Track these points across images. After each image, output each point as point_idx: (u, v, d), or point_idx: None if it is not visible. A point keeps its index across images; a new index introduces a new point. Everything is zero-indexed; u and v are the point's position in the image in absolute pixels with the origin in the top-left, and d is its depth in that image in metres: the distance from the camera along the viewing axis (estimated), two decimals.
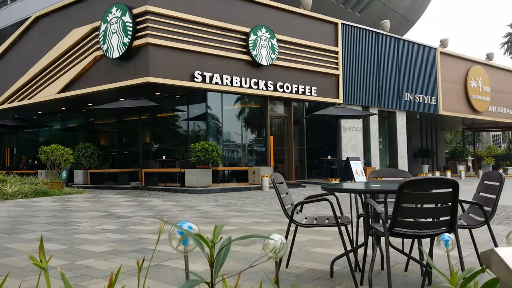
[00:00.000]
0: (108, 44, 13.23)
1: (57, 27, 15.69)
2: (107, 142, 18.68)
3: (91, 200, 10.89)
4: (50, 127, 20.17)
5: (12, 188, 11.43)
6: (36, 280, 3.76)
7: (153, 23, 12.60)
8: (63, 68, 15.20)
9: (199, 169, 12.75)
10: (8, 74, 17.91)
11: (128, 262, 4.37)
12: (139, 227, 6.61)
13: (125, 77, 13.16)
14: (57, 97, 15.40)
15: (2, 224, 6.97)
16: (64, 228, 6.55)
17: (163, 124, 16.73)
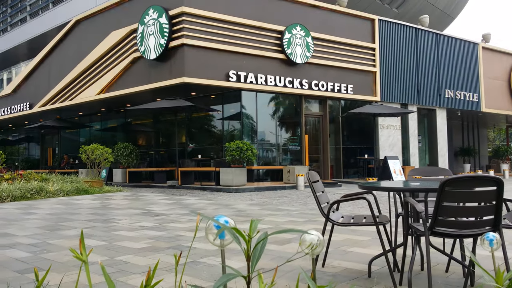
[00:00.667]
0: (146, 45, 13.50)
1: (96, 29, 16.15)
2: (145, 141, 19.08)
3: (130, 198, 11.14)
4: (90, 127, 20.80)
5: (54, 187, 11.84)
6: (76, 275, 3.86)
7: (188, 24, 12.76)
8: (103, 70, 15.63)
9: (234, 168, 12.80)
10: (50, 76, 18.59)
11: (165, 259, 4.43)
12: (176, 224, 6.70)
13: (161, 77, 13.38)
14: (97, 98, 15.85)
15: (45, 221, 7.22)
16: (103, 225, 6.71)
17: (198, 124, 16.93)
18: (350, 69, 16.30)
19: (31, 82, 20.20)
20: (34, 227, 6.62)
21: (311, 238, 1.74)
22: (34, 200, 10.88)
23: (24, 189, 11.11)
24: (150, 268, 1.70)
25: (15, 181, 12.02)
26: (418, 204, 3.33)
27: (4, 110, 21.81)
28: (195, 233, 1.78)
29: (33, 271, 3.99)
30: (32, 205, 9.67)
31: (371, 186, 4.01)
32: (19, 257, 4.57)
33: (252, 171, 14.06)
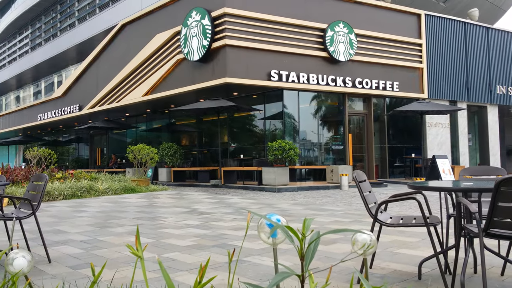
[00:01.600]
0: (189, 47, 13.72)
1: (141, 33, 16.59)
2: (188, 141, 19.43)
3: (175, 197, 11.36)
4: (136, 128, 21.40)
5: (103, 185, 12.25)
6: (127, 271, 3.96)
7: (230, 24, 12.86)
8: (148, 72, 16.03)
9: (276, 168, 12.78)
10: (98, 78, 19.27)
11: (210, 257, 4.47)
12: (220, 223, 6.76)
13: (204, 78, 13.57)
14: (143, 100, 16.28)
15: (95, 219, 7.48)
16: (151, 223, 6.87)
17: (240, 123, 17.04)
18: (396, 66, 15.88)
19: (80, 85, 21.03)
20: (85, 224, 6.87)
21: (364, 238, 1.70)
22: (84, 198, 11.31)
23: (75, 187, 11.56)
24: (201, 264, 1.70)
25: (66, 180, 12.54)
26: (472, 204, 3.19)
27: (55, 112, 22.82)
28: (246, 231, 1.77)
29: (85, 267, 4.13)
30: (82, 203, 10.05)
31: (421, 186, 3.87)
32: (72, 253, 4.75)
33: (294, 170, 13.98)
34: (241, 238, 5.47)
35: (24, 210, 4.55)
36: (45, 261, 4.29)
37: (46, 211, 8.47)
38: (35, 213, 4.29)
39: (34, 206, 4.29)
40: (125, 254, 4.64)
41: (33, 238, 5.37)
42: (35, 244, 5.09)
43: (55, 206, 9.56)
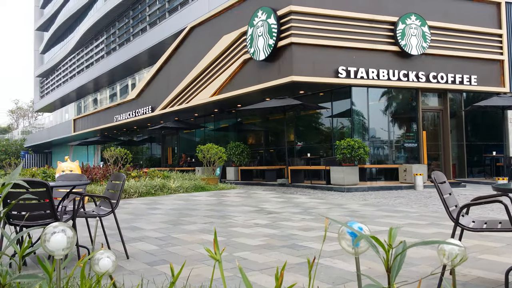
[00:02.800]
0: (255, 47, 13.80)
1: (209, 35, 16.95)
2: (255, 140, 19.57)
3: (243, 195, 11.47)
4: (205, 128, 21.93)
5: (175, 184, 12.66)
6: (200, 269, 4.02)
7: (296, 22, 12.75)
8: (215, 73, 16.35)
9: (345, 167, 12.48)
10: (169, 81, 19.98)
11: (280, 257, 4.43)
12: (289, 223, 6.70)
13: (270, 77, 13.57)
14: (211, 100, 16.63)
15: (168, 216, 7.72)
16: (221, 221, 6.97)
17: (307, 122, 16.86)
18: (473, 58, 14.90)
19: (152, 87, 21.93)
20: (159, 221, 7.12)
21: (451, 248, 1.58)
22: (157, 196, 11.75)
23: (149, 185, 12.06)
24: (277, 268, 1.66)
25: (141, 179, 13.12)
26: None
27: (130, 114, 23.99)
28: (324, 238, 1.70)
29: (161, 263, 4.25)
30: (156, 201, 10.45)
31: (509, 188, 3.56)
32: (148, 249, 4.92)
33: (364, 169, 13.59)
34: (311, 239, 5.38)
35: (104, 208, 4.78)
36: (123, 257, 4.47)
37: (123, 208, 8.90)
38: (114, 211, 4.48)
39: (113, 204, 4.49)
40: (198, 252, 4.72)
41: (111, 234, 5.64)
42: (113, 240, 5.34)
43: (131, 203, 10.02)
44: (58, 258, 1.39)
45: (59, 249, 1.36)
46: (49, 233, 1.36)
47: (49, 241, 1.35)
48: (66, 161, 9.34)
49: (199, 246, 5.04)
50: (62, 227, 1.37)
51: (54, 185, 3.93)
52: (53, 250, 1.37)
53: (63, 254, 1.39)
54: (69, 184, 4.36)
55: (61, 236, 1.36)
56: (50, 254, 1.39)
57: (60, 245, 1.36)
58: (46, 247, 1.37)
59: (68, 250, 1.39)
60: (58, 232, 1.36)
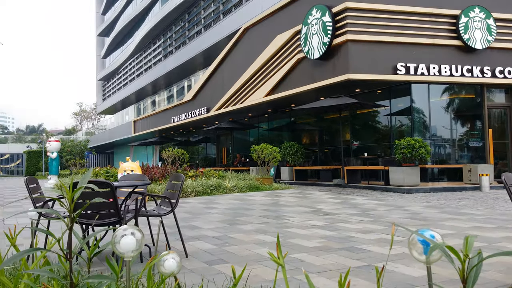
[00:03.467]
0: (309, 45, 13.65)
1: (263, 35, 16.98)
2: (309, 140, 19.38)
3: (298, 195, 11.37)
4: (259, 128, 22.02)
5: (230, 183, 12.79)
6: (258, 269, 4.00)
7: (352, 19, 12.47)
8: (269, 73, 16.35)
9: (405, 167, 12.04)
10: (224, 82, 20.24)
11: (338, 260, 4.33)
12: (346, 224, 6.54)
13: (325, 76, 13.37)
14: (264, 100, 16.66)
15: (224, 216, 7.79)
16: (276, 222, 6.93)
17: (363, 121, 16.45)
18: None
19: (207, 89, 22.34)
20: (216, 220, 7.20)
21: None
22: (213, 195, 11.93)
23: (205, 185, 12.26)
24: (341, 274, 1.59)
25: (197, 178, 13.37)
26: None
27: (186, 115, 24.57)
28: (391, 246, 1.61)
29: (219, 262, 4.28)
30: (212, 200, 10.60)
31: None
32: (205, 248, 4.97)
33: (425, 170, 13.04)
34: (370, 242, 5.21)
35: (164, 207, 4.89)
36: (183, 256, 4.54)
37: (181, 207, 9.10)
38: (174, 210, 4.57)
39: (173, 203, 4.57)
40: (255, 252, 4.71)
41: (171, 233, 5.76)
42: (173, 238, 5.45)
43: (188, 202, 10.23)
44: (127, 259, 1.41)
45: (129, 251, 1.38)
46: (119, 236, 1.38)
47: (119, 243, 1.37)
48: (127, 161, 9.68)
49: (255, 246, 5.03)
50: (131, 229, 1.39)
51: (117, 185, 4.06)
52: (123, 252, 1.39)
53: (132, 256, 1.41)
54: (132, 184, 4.50)
55: (130, 238, 1.37)
56: (120, 255, 1.41)
57: (130, 247, 1.38)
58: (116, 249, 1.39)
59: (137, 252, 1.41)
60: (127, 235, 1.38)
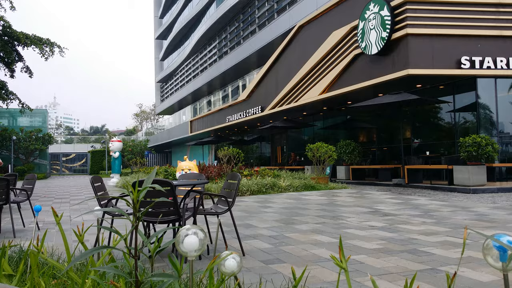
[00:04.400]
0: (366, 41, 13.28)
1: (317, 32, 16.76)
2: (366, 138, 18.90)
3: (355, 195, 11.11)
4: (313, 126, 21.79)
5: (285, 182, 12.73)
6: (316, 270, 3.92)
7: (412, 12, 11.99)
8: (324, 71, 16.11)
9: (470, 166, 11.40)
10: (278, 80, 20.20)
11: (399, 263, 4.15)
12: (407, 226, 6.28)
13: (383, 72, 12.95)
14: (319, 98, 16.43)
15: (280, 215, 7.75)
16: (333, 222, 6.79)
17: (425, 118, 15.78)
18: None
19: (261, 88, 22.41)
20: (271, 219, 7.17)
21: None
22: (268, 194, 11.93)
23: (260, 184, 12.28)
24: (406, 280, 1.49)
25: (252, 177, 13.43)
26: None
27: (241, 114, 24.79)
28: (462, 252, 1.48)
29: (276, 262, 4.24)
30: (267, 199, 10.59)
31: None
32: (262, 247, 4.95)
33: (492, 169, 12.29)
34: (434, 244, 4.96)
35: (221, 206, 4.92)
36: (239, 254, 4.54)
37: (237, 206, 9.16)
38: (231, 209, 4.58)
39: (230, 202, 4.59)
40: (311, 252, 4.63)
41: (227, 231, 5.80)
42: (229, 237, 5.48)
43: (244, 201, 10.29)
44: (190, 259, 1.40)
45: (192, 251, 1.38)
46: (182, 235, 1.38)
47: (182, 243, 1.37)
48: (185, 161, 9.90)
49: (312, 246, 4.95)
50: (194, 229, 1.38)
51: (177, 184, 4.13)
52: (186, 251, 1.38)
53: (196, 256, 1.40)
54: (190, 183, 4.56)
55: (193, 238, 1.37)
56: (184, 255, 1.41)
57: (193, 246, 1.37)
58: (180, 248, 1.39)
59: (200, 252, 1.40)
60: (190, 234, 1.37)
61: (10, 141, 32.58)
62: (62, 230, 2.22)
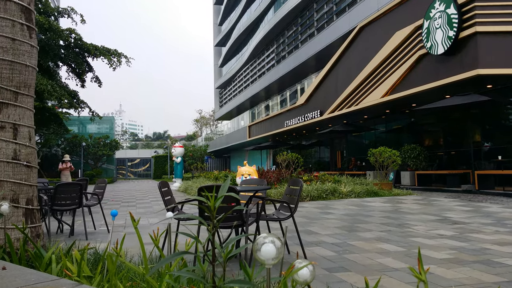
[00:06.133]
0: (432, 41, 12.74)
1: (379, 33, 16.31)
2: (433, 142, 18.07)
3: (421, 202, 10.65)
4: (375, 130, 21.20)
5: (346, 188, 12.46)
6: (383, 280, 3.78)
7: (481, 9, 11.34)
8: (387, 72, 15.63)
9: None
10: (337, 84, 19.89)
11: (472, 274, 3.93)
12: (479, 235, 5.92)
13: (451, 73, 12.34)
14: (381, 101, 15.96)
15: (342, 222, 7.59)
16: (399, 230, 6.54)
17: (496, 120, 14.83)
18: None
19: (320, 92, 22.15)
20: (333, 226, 7.03)
21: None
22: (328, 200, 11.74)
23: (320, 189, 12.12)
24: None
25: (312, 183, 13.28)
26: None
27: (299, 118, 24.65)
28: None
29: (340, 270, 4.14)
30: (328, 205, 10.42)
31: None
32: (325, 255, 4.86)
33: None
34: (510, 255, 4.65)
35: (283, 212, 4.89)
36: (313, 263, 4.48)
37: (298, 212, 9.09)
38: (293, 215, 4.54)
39: (292, 208, 4.54)
40: (377, 261, 4.48)
41: (289, 237, 5.76)
42: (291, 243, 5.44)
43: (304, 207, 10.20)
44: (268, 267, 1.39)
45: (269, 259, 1.36)
46: (260, 243, 1.37)
47: (260, 251, 1.36)
48: (244, 166, 9.99)
49: (378, 255, 4.79)
50: (272, 237, 1.37)
51: (241, 190, 4.16)
52: (263, 259, 1.37)
53: (272, 264, 1.38)
54: (253, 189, 4.57)
55: (271, 246, 1.35)
56: (261, 262, 1.40)
57: (270, 255, 1.36)
58: (257, 256, 1.38)
59: (277, 260, 1.38)
60: (268, 243, 1.36)
61: (80, 147, 34.61)
62: (139, 235, 2.30)
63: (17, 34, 3.77)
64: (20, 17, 3.79)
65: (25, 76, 3.81)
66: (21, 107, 3.77)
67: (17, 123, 3.71)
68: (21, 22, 3.79)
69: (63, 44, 18.51)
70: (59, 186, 6.42)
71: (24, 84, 3.81)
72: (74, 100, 19.89)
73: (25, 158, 3.71)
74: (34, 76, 3.94)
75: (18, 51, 3.76)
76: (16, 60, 3.75)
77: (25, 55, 3.82)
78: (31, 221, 3.74)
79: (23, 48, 3.81)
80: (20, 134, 3.71)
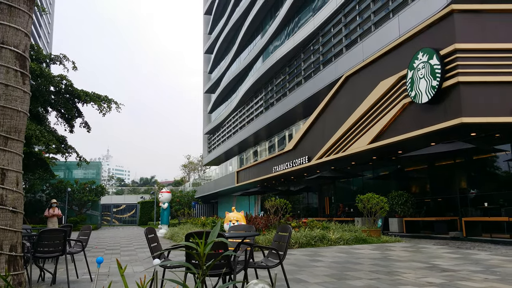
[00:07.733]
0: (416, 90, 13.13)
1: (365, 82, 16.77)
2: (420, 188, 18.19)
3: (410, 249, 10.59)
4: (363, 176, 21.32)
5: (335, 235, 12.37)
6: None
7: (463, 60, 11.80)
8: (373, 120, 15.94)
9: None
10: (325, 131, 20.17)
11: None
12: (469, 283, 5.89)
13: (435, 121, 12.65)
14: (368, 148, 16.16)
15: (331, 269, 7.48)
16: (388, 278, 6.47)
17: (481, 167, 15.07)
18: None
19: (308, 138, 22.40)
20: (322, 274, 6.92)
21: None
22: (317, 247, 11.60)
23: (309, 236, 12.00)
24: None
25: (300, 229, 13.16)
26: None
27: (288, 164, 24.75)
28: None
29: None
30: (316, 252, 10.29)
31: None
32: None
33: None
34: None
35: (272, 259, 4.82)
36: None
37: (286, 259, 8.94)
38: (282, 262, 4.48)
39: (281, 256, 4.49)
40: None
41: (277, 286, 5.64)
42: None
43: (293, 254, 10.05)
44: None
45: None
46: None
47: None
48: (233, 211, 9.90)
49: None
50: (262, 284, 1.36)
51: (228, 236, 4.12)
52: None
53: None
54: (241, 235, 4.53)
55: None
56: None
57: None
58: None
59: None
60: None
61: (65, 193, 34.04)
62: (126, 282, 2.25)
63: (10, 80, 3.82)
64: (15, 64, 3.86)
65: (16, 122, 3.83)
66: (10, 152, 3.76)
67: (5, 168, 3.68)
68: (15, 69, 3.85)
69: (53, 90, 18.65)
70: (43, 233, 6.29)
71: (15, 129, 3.82)
72: (62, 145, 19.80)
73: (12, 204, 3.66)
74: (25, 122, 3.96)
75: (11, 96, 3.80)
76: (8, 105, 3.78)
77: (18, 101, 3.86)
78: (14, 268, 3.64)
79: (16, 94, 3.85)
80: (7, 179, 3.68)
